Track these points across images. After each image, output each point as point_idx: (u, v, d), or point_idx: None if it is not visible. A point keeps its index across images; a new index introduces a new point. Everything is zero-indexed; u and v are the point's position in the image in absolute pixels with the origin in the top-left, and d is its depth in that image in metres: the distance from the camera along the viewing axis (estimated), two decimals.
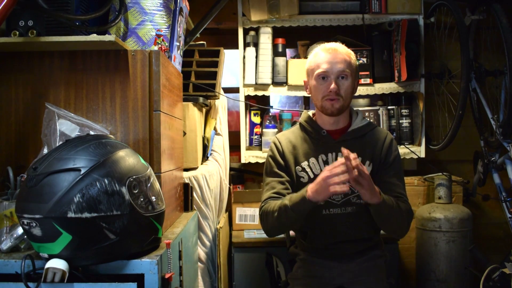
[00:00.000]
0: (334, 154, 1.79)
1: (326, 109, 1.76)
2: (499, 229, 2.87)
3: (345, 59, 1.76)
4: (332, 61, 1.75)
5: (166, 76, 1.52)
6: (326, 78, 1.76)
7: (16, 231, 1.23)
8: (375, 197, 1.59)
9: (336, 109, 1.76)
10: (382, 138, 1.84)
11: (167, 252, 1.22)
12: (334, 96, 1.74)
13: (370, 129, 1.85)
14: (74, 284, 1.11)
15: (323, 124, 1.83)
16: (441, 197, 2.46)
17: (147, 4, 1.59)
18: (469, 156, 2.79)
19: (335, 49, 1.78)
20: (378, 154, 1.80)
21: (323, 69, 1.75)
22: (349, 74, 1.76)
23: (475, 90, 2.59)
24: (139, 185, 1.18)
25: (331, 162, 1.77)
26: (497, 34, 2.29)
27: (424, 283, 2.44)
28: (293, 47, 2.79)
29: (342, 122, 1.83)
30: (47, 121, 1.33)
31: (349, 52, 1.81)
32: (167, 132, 1.55)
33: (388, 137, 1.85)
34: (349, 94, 1.77)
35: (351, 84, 1.77)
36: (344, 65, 1.75)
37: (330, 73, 1.74)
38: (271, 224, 1.74)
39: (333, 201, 1.78)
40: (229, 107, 2.81)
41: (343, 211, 1.78)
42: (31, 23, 1.37)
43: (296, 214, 1.64)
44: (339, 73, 1.74)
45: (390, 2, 2.59)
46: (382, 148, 1.81)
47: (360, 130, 1.83)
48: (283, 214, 1.66)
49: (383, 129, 1.92)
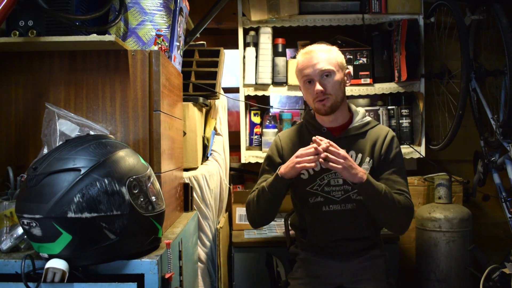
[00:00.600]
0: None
1: (319, 110, 1.79)
2: (499, 229, 2.87)
3: (325, 57, 1.77)
4: (312, 63, 1.77)
5: (166, 76, 1.52)
6: (311, 81, 1.78)
7: (16, 231, 1.23)
8: (356, 176, 1.62)
9: (328, 108, 1.77)
10: (383, 135, 1.84)
11: (167, 252, 1.22)
12: (322, 97, 1.76)
13: (371, 127, 1.86)
14: (74, 284, 1.11)
15: (323, 122, 1.85)
16: (441, 197, 2.46)
17: (147, 4, 1.59)
18: (469, 156, 2.79)
19: (312, 51, 1.80)
20: (378, 150, 1.81)
21: (306, 73, 1.78)
22: (332, 71, 1.76)
23: (475, 90, 2.59)
24: (139, 185, 1.18)
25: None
26: (497, 34, 2.29)
27: (424, 283, 2.43)
28: (293, 47, 2.79)
29: (341, 119, 1.84)
30: (47, 121, 1.33)
31: (329, 48, 1.82)
32: (167, 132, 1.55)
33: (389, 134, 1.85)
34: (338, 89, 1.78)
35: (338, 79, 1.78)
36: (324, 63, 1.76)
37: (313, 76, 1.77)
38: (252, 212, 1.82)
39: (333, 197, 1.79)
40: (229, 107, 2.81)
41: (343, 208, 1.79)
42: (31, 23, 1.37)
43: (272, 195, 1.73)
44: (321, 72, 1.76)
45: (390, 2, 2.59)
46: (382, 145, 1.81)
47: (361, 127, 1.84)
48: (261, 196, 1.76)
49: (385, 126, 1.93)
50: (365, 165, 1.78)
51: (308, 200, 1.82)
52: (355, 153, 1.80)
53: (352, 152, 1.80)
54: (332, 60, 1.78)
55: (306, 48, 1.84)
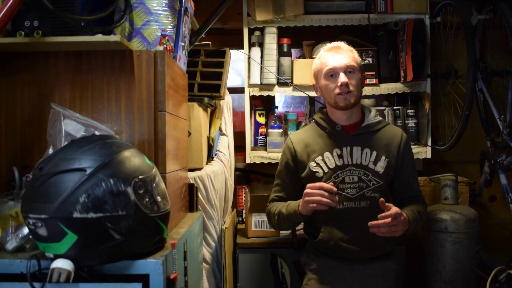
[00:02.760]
0: (348, 148, 1.82)
1: (340, 103, 1.80)
2: (506, 230, 2.85)
3: (349, 54, 1.82)
4: (338, 57, 1.81)
5: (171, 76, 1.51)
6: (334, 75, 1.80)
7: (21, 231, 1.23)
8: (405, 226, 1.69)
9: (350, 103, 1.80)
10: (397, 136, 1.88)
11: (172, 253, 1.22)
12: (346, 89, 1.78)
13: (383, 126, 1.89)
14: (79, 284, 1.10)
15: (337, 119, 1.87)
16: (447, 198, 2.45)
17: (152, 4, 1.59)
18: (475, 157, 2.77)
19: (338, 46, 1.85)
20: (395, 151, 1.85)
21: (330, 66, 1.80)
22: (356, 69, 1.81)
23: (481, 90, 2.57)
24: (145, 185, 1.17)
25: (345, 156, 1.82)
26: (504, 33, 2.27)
27: (430, 284, 2.42)
28: (299, 47, 2.79)
29: (355, 117, 1.87)
30: (52, 121, 1.33)
31: (351, 48, 1.87)
32: (172, 132, 1.55)
33: (403, 135, 1.91)
34: (359, 88, 1.83)
35: (360, 78, 1.82)
36: (350, 59, 1.80)
37: (338, 69, 1.79)
38: (274, 225, 1.92)
39: (348, 194, 1.80)
40: (234, 107, 2.80)
41: (357, 205, 1.79)
42: (36, 23, 1.38)
43: (292, 222, 1.82)
44: (346, 67, 1.79)
45: (396, 2, 2.58)
46: (399, 146, 1.86)
47: (374, 125, 1.87)
48: (282, 220, 1.82)
49: (396, 127, 1.99)
50: (381, 163, 1.82)
51: None
52: (370, 151, 1.82)
53: (366, 150, 1.82)
54: (356, 59, 1.84)
55: (329, 45, 1.89)
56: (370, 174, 1.81)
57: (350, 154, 1.82)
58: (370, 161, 1.82)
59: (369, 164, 1.81)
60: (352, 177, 1.81)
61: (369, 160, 1.82)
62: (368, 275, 1.80)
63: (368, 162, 1.81)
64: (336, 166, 1.81)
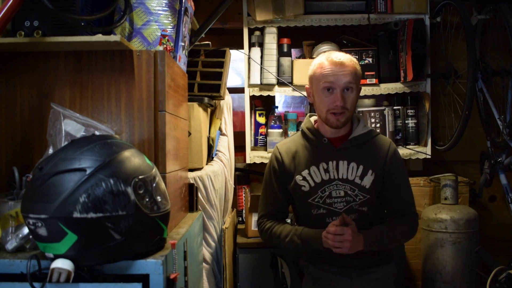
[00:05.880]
0: (334, 162, 1.78)
1: (331, 122, 1.75)
2: (506, 230, 2.85)
3: (351, 72, 1.73)
4: (339, 73, 1.72)
5: (171, 76, 1.51)
6: (331, 90, 1.73)
7: (21, 231, 1.23)
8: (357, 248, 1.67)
9: (341, 123, 1.75)
10: (385, 147, 1.82)
11: (172, 253, 1.22)
12: (340, 110, 1.72)
13: (372, 137, 1.83)
14: (79, 284, 1.10)
15: (325, 132, 1.82)
16: (447, 198, 2.45)
17: (152, 4, 1.59)
18: (475, 157, 2.77)
19: (342, 62, 1.74)
20: (381, 163, 1.79)
21: (329, 81, 1.73)
22: (355, 87, 1.75)
23: (481, 90, 2.57)
24: (145, 185, 1.17)
25: (331, 170, 1.78)
26: (504, 34, 2.27)
27: (430, 284, 2.42)
28: (298, 47, 2.79)
29: (343, 130, 1.81)
30: (52, 121, 1.33)
31: (355, 62, 1.78)
32: (172, 132, 1.55)
33: (392, 146, 1.84)
34: (354, 106, 1.77)
35: (356, 95, 1.77)
36: (350, 77, 1.72)
37: (336, 86, 1.72)
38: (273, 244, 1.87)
39: (336, 209, 1.77)
40: (234, 107, 2.81)
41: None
42: (36, 23, 1.38)
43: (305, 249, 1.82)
44: (345, 85, 1.73)
45: (396, 2, 2.58)
46: (386, 157, 1.80)
47: (361, 137, 1.81)
48: (292, 246, 1.78)
49: (385, 137, 1.91)
50: (368, 176, 1.76)
51: (311, 212, 1.80)
52: (356, 165, 1.77)
53: (353, 164, 1.77)
54: (358, 75, 1.76)
55: (334, 55, 1.77)
56: (357, 189, 1.76)
57: (336, 169, 1.77)
58: (356, 175, 1.76)
59: (355, 179, 1.76)
60: (339, 192, 1.77)
61: (355, 174, 1.76)
62: (367, 280, 1.79)
63: (354, 176, 1.76)
64: (322, 181, 1.77)
